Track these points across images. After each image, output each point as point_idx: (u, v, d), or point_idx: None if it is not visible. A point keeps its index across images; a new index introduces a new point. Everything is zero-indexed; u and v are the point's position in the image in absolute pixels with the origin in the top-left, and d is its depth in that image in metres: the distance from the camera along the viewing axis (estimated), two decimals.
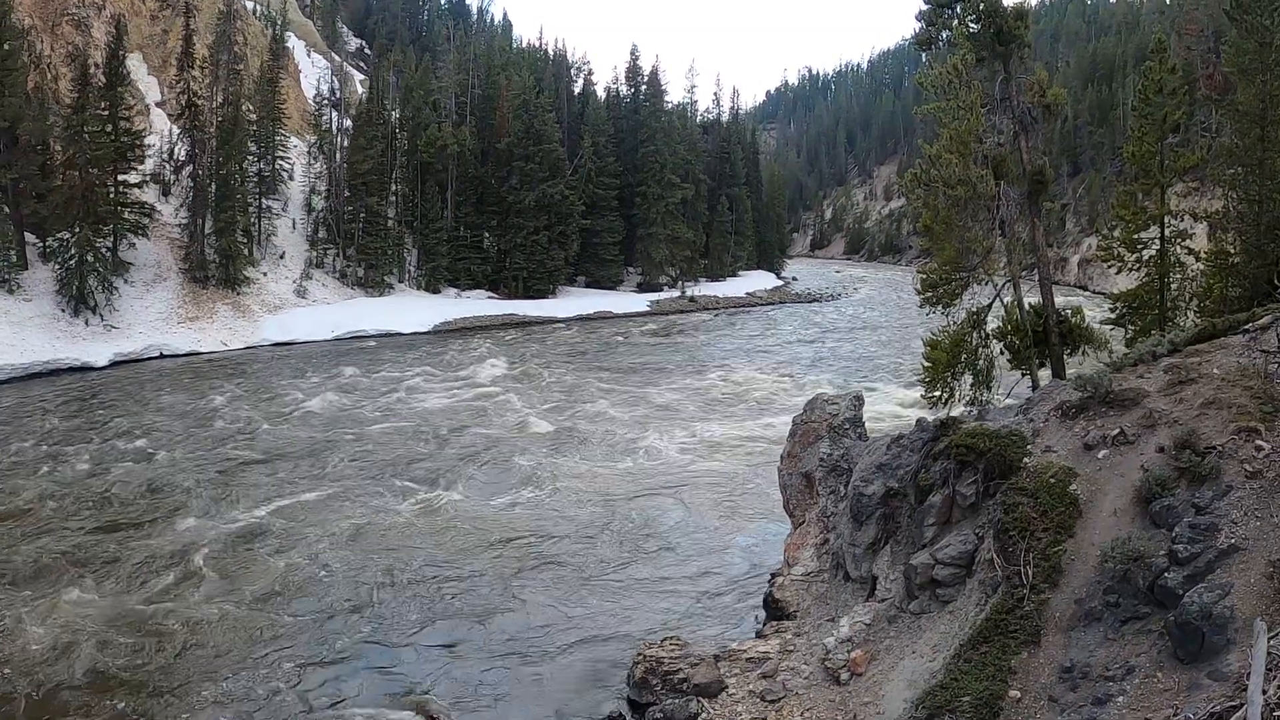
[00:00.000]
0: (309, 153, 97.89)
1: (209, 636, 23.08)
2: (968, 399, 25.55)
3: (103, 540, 29.31)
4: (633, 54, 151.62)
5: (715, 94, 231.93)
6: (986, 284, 25.71)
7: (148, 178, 77.86)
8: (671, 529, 31.31)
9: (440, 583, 26.65)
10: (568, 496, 34.66)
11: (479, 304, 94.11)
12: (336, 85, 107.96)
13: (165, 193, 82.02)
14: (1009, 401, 24.25)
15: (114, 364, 60.59)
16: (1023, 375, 26.25)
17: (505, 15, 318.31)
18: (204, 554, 28.25)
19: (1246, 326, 18.59)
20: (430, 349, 71.50)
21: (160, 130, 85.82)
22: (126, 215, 71.55)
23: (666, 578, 27.25)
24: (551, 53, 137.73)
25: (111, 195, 69.73)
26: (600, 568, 27.99)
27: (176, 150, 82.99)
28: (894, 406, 45.77)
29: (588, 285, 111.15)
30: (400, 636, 23.41)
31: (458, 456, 39.93)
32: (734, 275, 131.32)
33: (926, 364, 26.44)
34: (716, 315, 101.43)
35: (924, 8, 26.97)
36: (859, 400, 26.12)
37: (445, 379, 58.18)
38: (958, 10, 26.24)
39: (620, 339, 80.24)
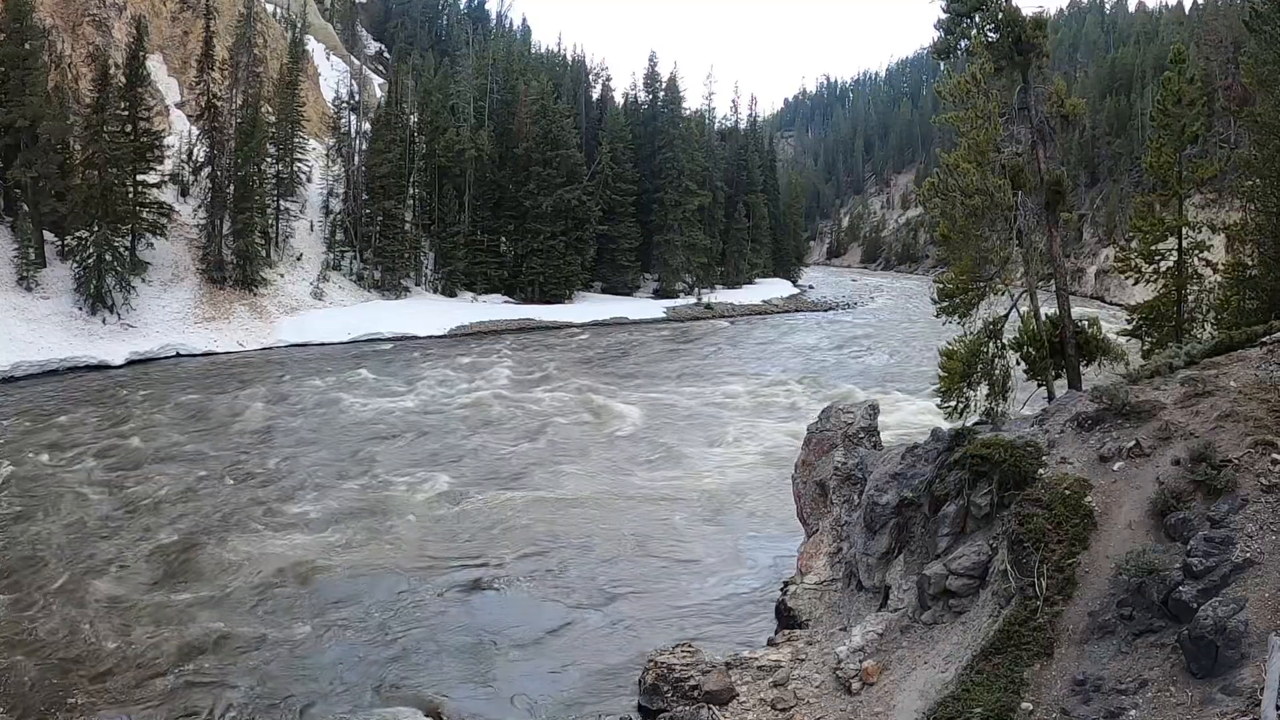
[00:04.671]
0: (327, 155, 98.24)
1: (215, 632, 23.16)
2: (983, 409, 25.43)
3: (100, 537, 29.51)
4: (651, 60, 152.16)
5: (733, 101, 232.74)
6: (1003, 294, 25.60)
7: (166, 178, 78.21)
8: (683, 535, 31.28)
9: (449, 586, 26.69)
10: (579, 502, 34.66)
11: (495, 308, 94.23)
12: (355, 88, 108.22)
13: (184, 193, 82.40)
14: (1025, 412, 24.15)
15: (130, 363, 60.87)
16: (1039, 386, 26.12)
17: (524, 20, 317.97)
18: (206, 549, 28.40)
19: (1264, 339, 18.49)
20: (445, 352, 71.63)
21: (179, 131, 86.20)
22: (145, 215, 71.85)
23: (678, 584, 27.23)
24: (570, 58, 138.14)
25: (130, 195, 70.05)
26: (611, 573, 27.97)
27: (195, 151, 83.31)
28: (909, 416, 45.63)
29: (604, 291, 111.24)
30: (409, 639, 23.42)
31: (464, 459, 39.96)
32: (750, 283, 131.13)
33: (942, 373, 26.32)
34: (733, 322, 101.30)
35: (942, 17, 26.90)
36: (874, 409, 26.06)
37: (459, 381, 58.26)
38: (976, 19, 26.15)
39: (635, 345, 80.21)
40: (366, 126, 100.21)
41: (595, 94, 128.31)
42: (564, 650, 23.05)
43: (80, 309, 64.08)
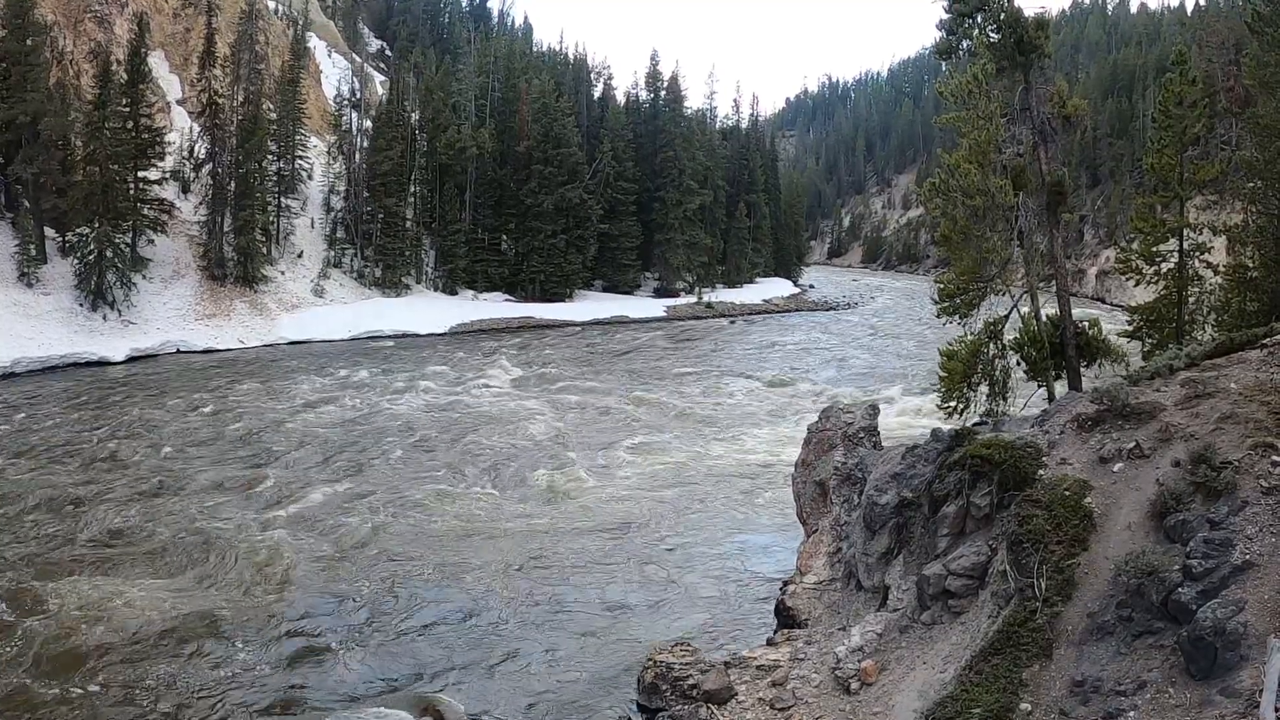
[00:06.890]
0: (328, 153, 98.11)
1: (214, 627, 23.16)
2: (984, 410, 25.46)
3: (109, 526, 29.50)
4: (653, 59, 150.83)
5: (735, 100, 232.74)
6: (1004, 294, 25.63)
7: (168, 175, 78.19)
8: (683, 535, 31.26)
9: (448, 586, 26.67)
10: (580, 501, 34.65)
11: (496, 306, 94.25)
12: (357, 86, 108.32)
13: (185, 190, 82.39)
14: (1025, 413, 24.16)
15: (131, 359, 60.86)
16: (1039, 387, 26.15)
17: (526, 19, 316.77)
18: (211, 545, 28.40)
19: (1264, 341, 18.49)
20: (446, 350, 71.63)
21: (181, 128, 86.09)
22: (146, 212, 71.73)
23: (677, 583, 27.22)
24: (572, 57, 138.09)
25: (131, 191, 69.93)
26: (610, 572, 27.97)
27: (197, 148, 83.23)
28: (909, 416, 45.63)
29: (605, 290, 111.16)
30: (408, 636, 23.44)
31: (469, 462, 39.94)
32: (751, 282, 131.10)
33: (943, 374, 26.37)
34: (733, 322, 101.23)
35: (945, 17, 26.91)
36: (874, 409, 26.06)
37: (455, 381, 58.25)
38: (979, 20, 26.17)
39: (636, 344, 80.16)
40: (368, 124, 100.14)
41: (597, 92, 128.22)
42: (562, 649, 23.02)
43: (81, 305, 64.09)
